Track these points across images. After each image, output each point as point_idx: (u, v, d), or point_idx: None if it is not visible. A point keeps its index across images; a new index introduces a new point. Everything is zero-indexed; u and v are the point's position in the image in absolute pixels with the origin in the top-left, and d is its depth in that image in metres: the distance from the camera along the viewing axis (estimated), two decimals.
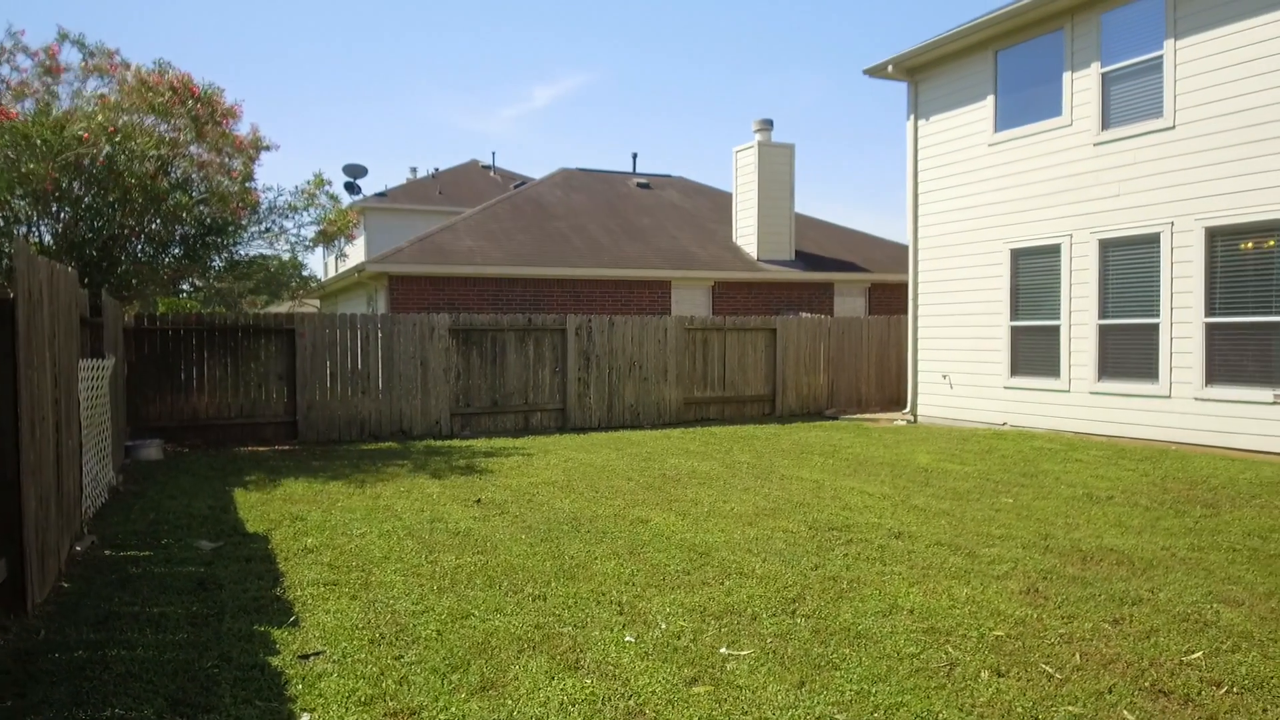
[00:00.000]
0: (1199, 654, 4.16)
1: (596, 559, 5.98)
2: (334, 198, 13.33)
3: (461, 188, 32.31)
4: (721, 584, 5.38)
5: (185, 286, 15.39)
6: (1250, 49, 10.12)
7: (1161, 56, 11.11)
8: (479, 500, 8.16)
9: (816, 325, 16.85)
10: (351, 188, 27.84)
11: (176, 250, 12.26)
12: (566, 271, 18.03)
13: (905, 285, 15.60)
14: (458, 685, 3.90)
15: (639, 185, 24.20)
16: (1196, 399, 10.69)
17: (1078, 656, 4.16)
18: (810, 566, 5.76)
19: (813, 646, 4.31)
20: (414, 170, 36.40)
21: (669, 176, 25.58)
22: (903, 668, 4.05)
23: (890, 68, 14.80)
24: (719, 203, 23.49)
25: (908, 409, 15.14)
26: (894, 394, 17.24)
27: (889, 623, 4.64)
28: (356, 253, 28.20)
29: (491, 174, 34.85)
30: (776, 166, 20.51)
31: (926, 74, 14.66)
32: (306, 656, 4.27)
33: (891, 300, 20.72)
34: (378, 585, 5.43)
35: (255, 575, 5.69)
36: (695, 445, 12.13)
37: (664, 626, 4.61)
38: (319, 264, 31.08)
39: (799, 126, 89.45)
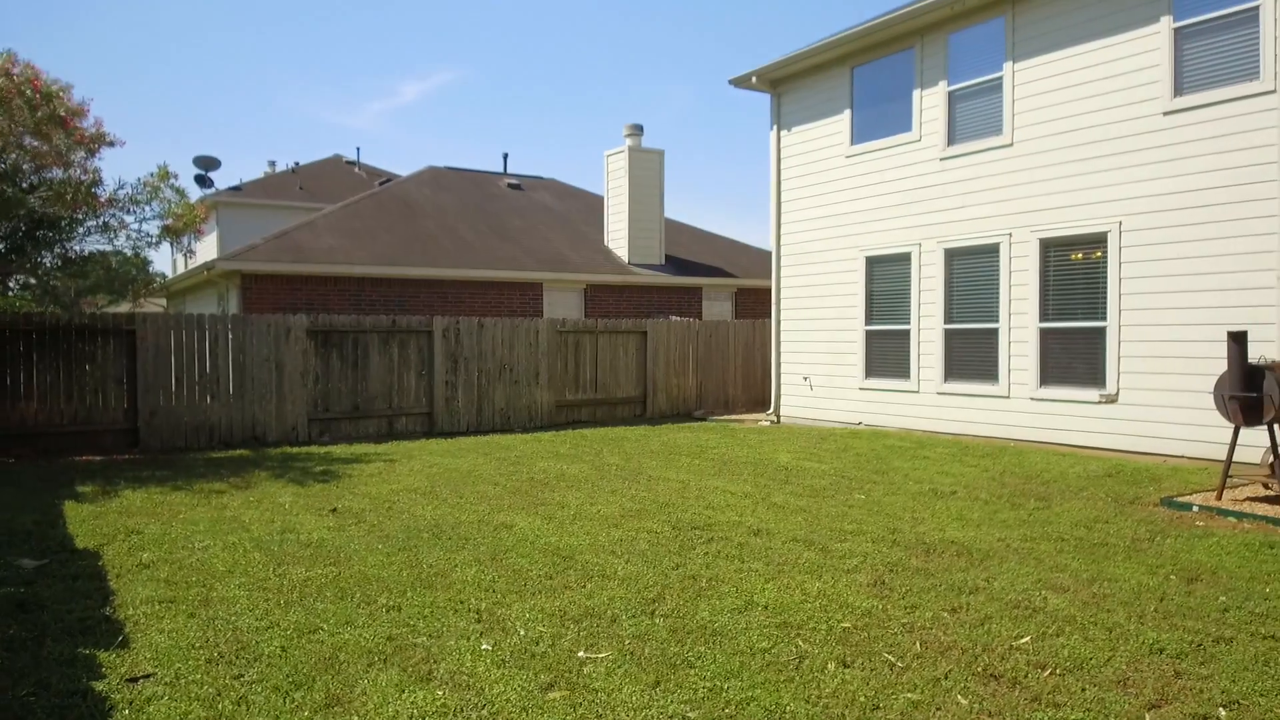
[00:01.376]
0: (1027, 638, 4.44)
1: (456, 566, 5.86)
2: (180, 191, 12.57)
3: (324, 183, 31.14)
4: (583, 587, 5.37)
5: (13, 284, 14.19)
6: (1078, 74, 10.94)
7: (1002, 77, 11.86)
8: (335, 509, 7.85)
9: (686, 329, 17.12)
10: (203, 180, 26.40)
11: (1, 246, 11.28)
12: (434, 272, 17.64)
13: (769, 290, 16.06)
14: (300, 703, 3.72)
15: (510, 186, 23.96)
16: (1032, 399, 11.46)
17: (918, 645, 4.37)
18: (671, 566, 5.82)
19: (670, 646, 4.35)
20: (272, 164, 34.86)
21: (541, 178, 25.45)
22: (755, 663, 4.14)
23: (754, 79, 15.20)
24: (591, 206, 23.53)
25: (771, 410, 15.59)
26: (759, 395, 17.70)
27: (744, 619, 4.74)
28: (209, 250, 26.75)
29: (356, 170, 33.75)
30: (647, 171, 20.73)
31: (788, 86, 15.13)
32: (135, 680, 3.99)
33: (757, 305, 21.30)
34: (219, 601, 5.14)
35: (83, 594, 5.28)
36: (565, 448, 12.09)
37: (523, 633, 4.55)
38: (167, 262, 29.27)
39: (669, 133, 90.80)
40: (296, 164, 33.22)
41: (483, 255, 18.88)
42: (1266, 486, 8.05)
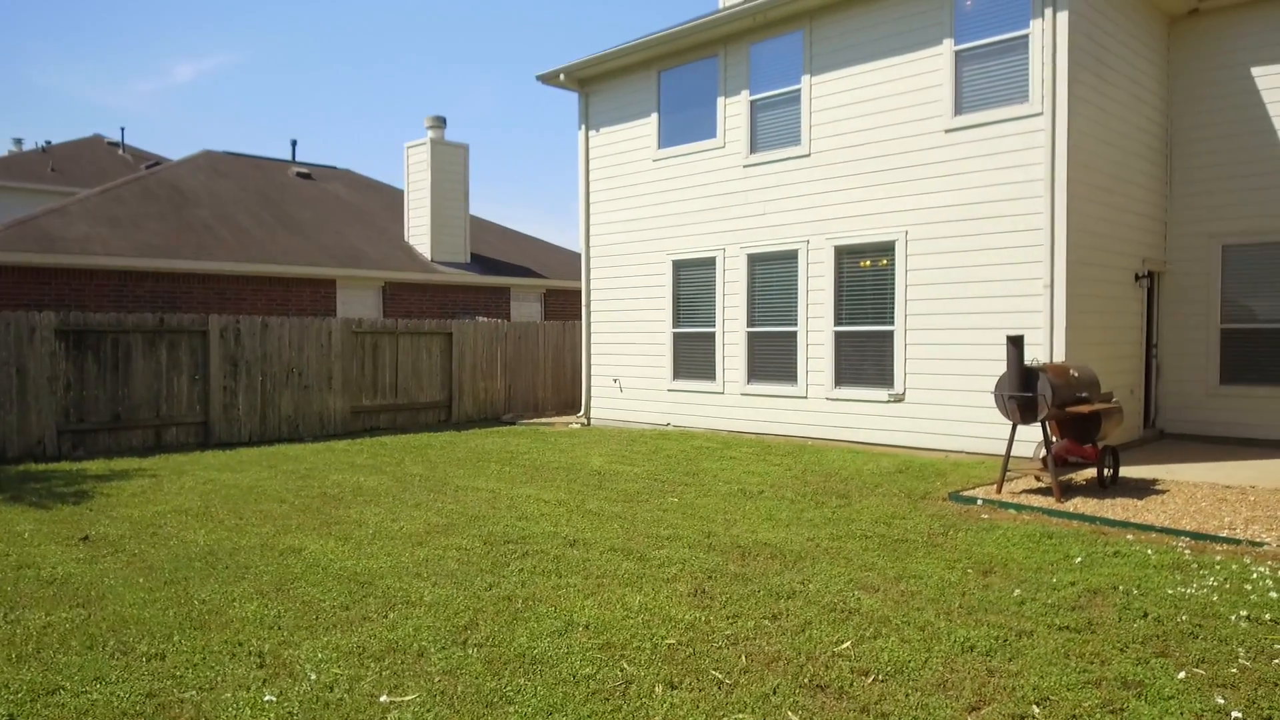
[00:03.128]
0: (848, 643, 4.43)
1: (235, 601, 5.16)
2: None
3: (81, 166, 27.82)
4: (385, 617, 4.86)
5: None
6: (870, 89, 11.50)
7: (800, 90, 12.28)
8: (86, 537, 6.80)
9: (494, 330, 16.60)
10: None
11: None
12: (211, 266, 16.07)
13: (579, 291, 15.89)
14: None
15: (299, 175, 22.36)
16: (828, 399, 11.94)
17: (744, 658, 4.24)
18: (484, 586, 5.42)
19: (485, 681, 3.97)
20: (18, 142, 30.82)
21: (334, 168, 23.96)
22: (579, 692, 3.84)
23: (562, 76, 14.96)
24: (390, 200, 22.41)
25: (582, 412, 15.40)
26: (569, 398, 17.49)
27: (565, 642, 4.44)
28: None
29: (120, 152, 30.42)
30: (451, 165, 19.97)
31: (596, 86, 15.01)
32: None
33: (567, 306, 21.08)
34: None
35: None
36: (363, 458, 11.29)
37: (314, 677, 4.01)
38: None
39: (475, 128, 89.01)
40: (48, 143, 29.50)
41: (267, 249, 17.44)
42: (1038, 479, 8.72)
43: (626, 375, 14.72)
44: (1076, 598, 5.13)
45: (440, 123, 19.98)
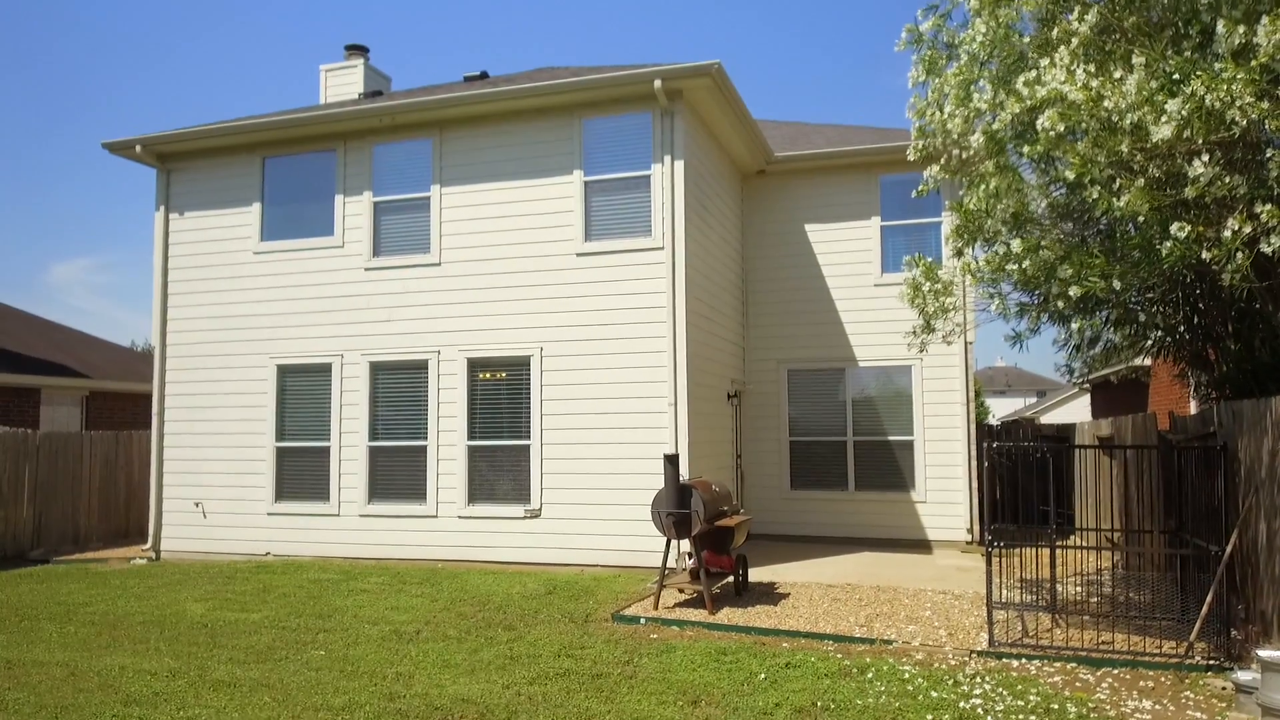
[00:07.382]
0: None
1: None
2: None
3: None
4: None
5: None
6: (505, 206, 11.59)
7: (429, 198, 11.98)
8: None
9: (19, 442, 13.22)
10: None
11: None
12: None
13: (134, 395, 13.46)
14: None
15: None
16: (460, 517, 11.41)
17: None
18: None
19: None
20: None
21: None
22: None
23: (139, 148, 12.87)
24: None
25: (149, 544, 12.76)
26: (122, 525, 14.49)
27: None
28: None
29: None
30: None
31: (183, 165, 13.17)
32: None
33: (118, 412, 17.65)
34: None
35: None
36: None
37: None
38: None
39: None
40: None
41: None
42: (682, 590, 9.14)
43: (212, 497, 12.62)
44: None
45: None
